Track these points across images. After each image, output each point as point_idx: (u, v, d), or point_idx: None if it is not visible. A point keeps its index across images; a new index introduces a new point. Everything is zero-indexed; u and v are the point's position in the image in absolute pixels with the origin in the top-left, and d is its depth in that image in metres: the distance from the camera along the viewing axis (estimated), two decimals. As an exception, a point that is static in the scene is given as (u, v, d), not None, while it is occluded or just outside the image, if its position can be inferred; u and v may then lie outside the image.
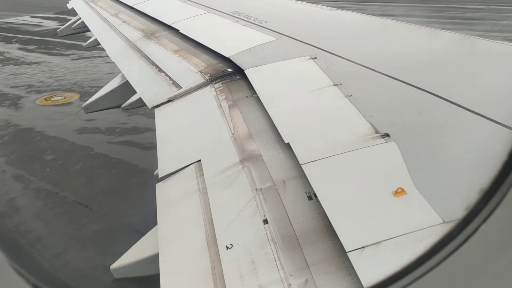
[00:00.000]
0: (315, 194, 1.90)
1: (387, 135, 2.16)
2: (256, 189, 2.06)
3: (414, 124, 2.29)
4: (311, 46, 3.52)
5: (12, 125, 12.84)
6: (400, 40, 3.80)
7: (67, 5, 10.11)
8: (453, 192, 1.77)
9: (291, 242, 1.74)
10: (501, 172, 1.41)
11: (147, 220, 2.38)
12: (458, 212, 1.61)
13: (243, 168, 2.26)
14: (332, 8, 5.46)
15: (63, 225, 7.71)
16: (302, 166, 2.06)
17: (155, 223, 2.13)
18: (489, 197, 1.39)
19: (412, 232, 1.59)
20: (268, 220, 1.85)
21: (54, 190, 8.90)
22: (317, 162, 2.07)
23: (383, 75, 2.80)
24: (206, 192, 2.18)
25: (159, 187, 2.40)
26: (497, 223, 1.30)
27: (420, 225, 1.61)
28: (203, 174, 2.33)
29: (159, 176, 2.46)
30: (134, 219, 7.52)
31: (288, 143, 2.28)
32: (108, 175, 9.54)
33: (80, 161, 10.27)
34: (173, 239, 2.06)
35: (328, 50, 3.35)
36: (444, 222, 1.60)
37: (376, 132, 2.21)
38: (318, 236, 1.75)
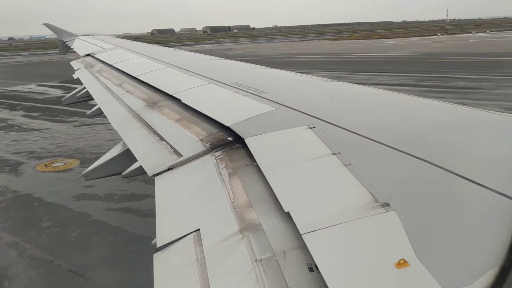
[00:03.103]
0: (316, 266, 1.87)
1: (387, 204, 2.15)
2: (256, 260, 2.01)
3: (414, 193, 2.28)
4: (309, 116, 3.59)
5: (11, 191, 12.82)
6: (397, 110, 3.89)
7: (73, 75, 10.46)
8: (456, 263, 1.74)
9: (292, 317, 1.68)
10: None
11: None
12: (462, 284, 1.58)
13: (242, 237, 2.22)
14: (329, 80, 5.64)
15: (55, 296, 7.47)
16: (302, 236, 2.03)
17: (152, 295, 2.07)
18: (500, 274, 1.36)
19: (417, 306, 1.55)
20: (268, 294, 1.80)
21: (49, 258, 8.72)
22: (318, 232, 2.04)
23: (381, 145, 2.83)
24: (205, 263, 2.13)
25: (157, 257, 2.35)
26: None
27: (424, 298, 1.57)
28: (201, 244, 2.30)
29: (157, 246, 2.42)
30: (129, 290, 7.29)
31: (288, 212, 2.26)
32: (105, 243, 9.38)
33: (77, 228, 10.14)
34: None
35: (326, 120, 3.42)
36: (448, 295, 1.56)
37: (376, 201, 2.20)
38: (319, 310, 1.69)
